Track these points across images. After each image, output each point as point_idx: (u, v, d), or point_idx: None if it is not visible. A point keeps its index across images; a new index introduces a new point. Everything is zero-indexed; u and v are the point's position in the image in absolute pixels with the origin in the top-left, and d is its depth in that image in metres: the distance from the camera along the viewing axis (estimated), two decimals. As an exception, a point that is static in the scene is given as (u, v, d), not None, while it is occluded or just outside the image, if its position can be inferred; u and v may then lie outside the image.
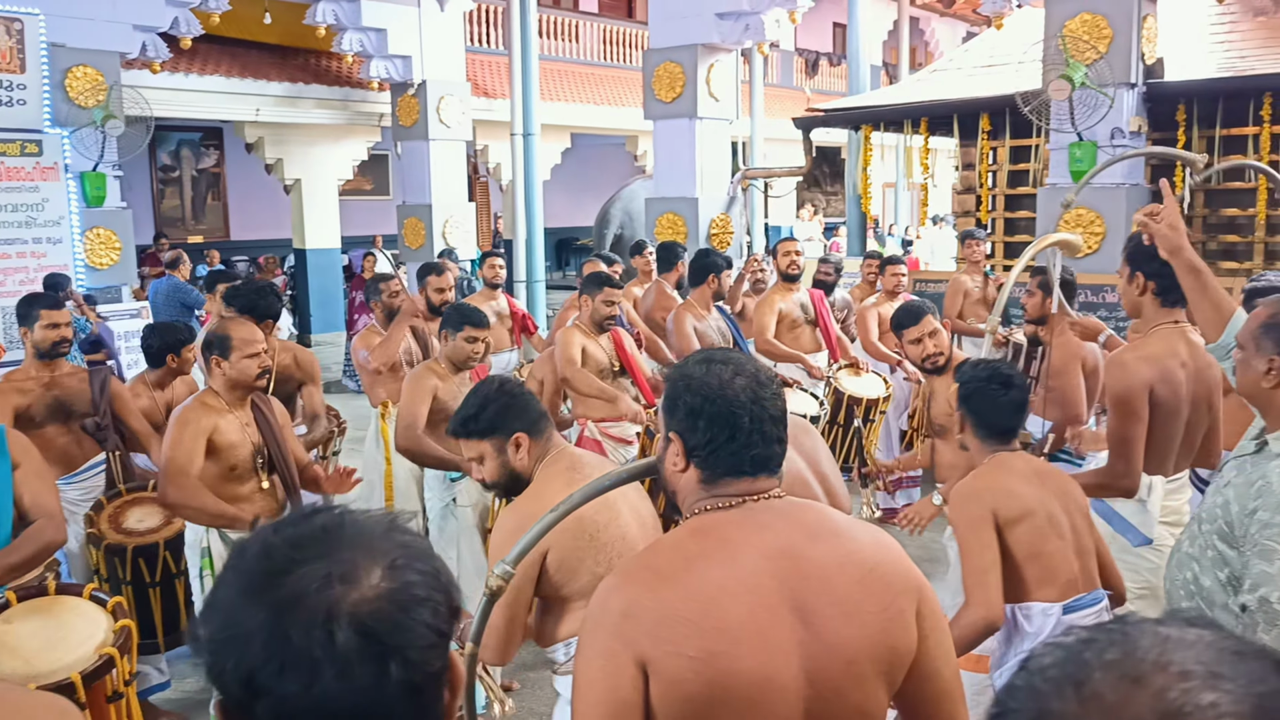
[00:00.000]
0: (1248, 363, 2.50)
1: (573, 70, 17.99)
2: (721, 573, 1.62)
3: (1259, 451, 2.50)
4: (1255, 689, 0.70)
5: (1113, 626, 0.78)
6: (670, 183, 10.39)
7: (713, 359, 1.77)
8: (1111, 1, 7.68)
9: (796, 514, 1.72)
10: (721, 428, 1.70)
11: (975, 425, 2.99)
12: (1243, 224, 8.60)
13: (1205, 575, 2.57)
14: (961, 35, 24.39)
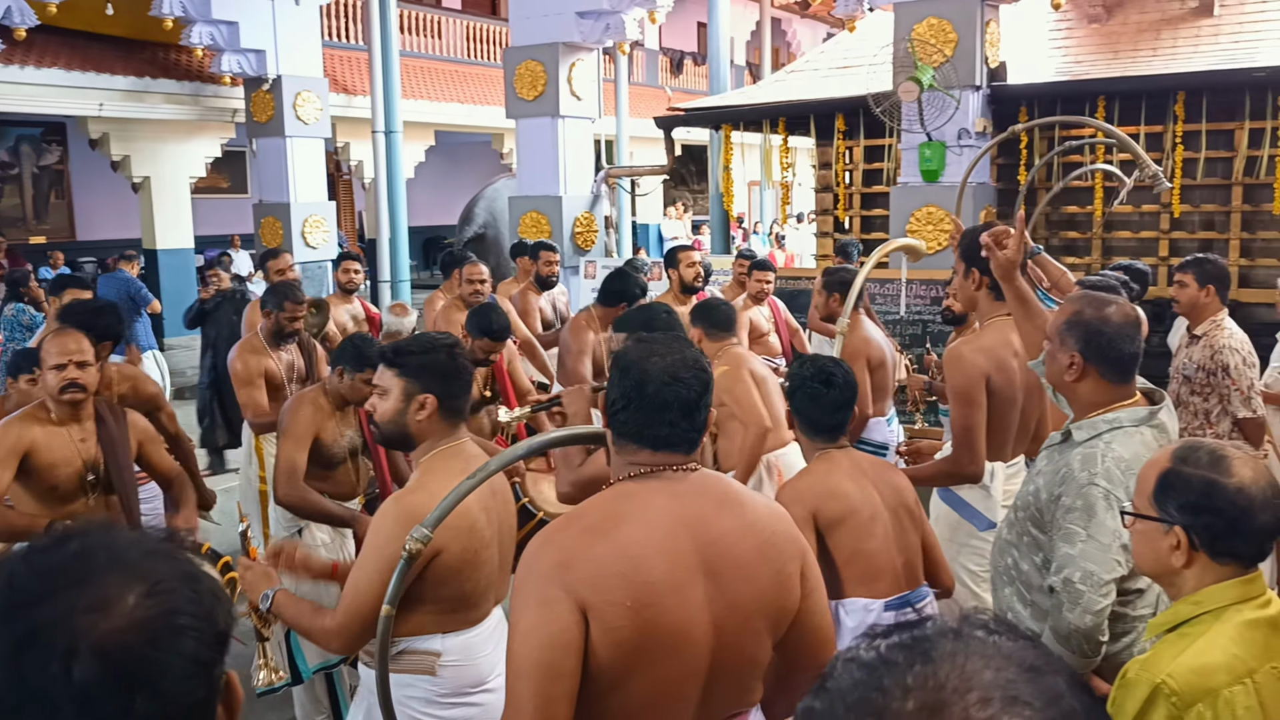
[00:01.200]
0: (1054, 356, 2.62)
1: (436, 67, 17.74)
2: (645, 533, 1.81)
3: (1065, 441, 2.62)
4: (1050, 712, 0.70)
5: (913, 643, 0.76)
6: (534, 181, 10.33)
7: (646, 340, 1.99)
8: (956, 7, 7.95)
9: (706, 485, 1.94)
10: (630, 400, 1.90)
11: (801, 423, 3.01)
12: (1082, 221, 9.02)
13: (1023, 560, 2.68)
14: (822, 36, 24.97)
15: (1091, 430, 2.53)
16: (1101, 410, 2.55)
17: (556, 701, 1.74)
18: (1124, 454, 2.46)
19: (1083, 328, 2.55)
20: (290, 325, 5.16)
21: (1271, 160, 8.18)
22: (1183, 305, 4.88)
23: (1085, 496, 2.44)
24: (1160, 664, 1.79)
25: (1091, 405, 2.57)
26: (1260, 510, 1.80)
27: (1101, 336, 2.53)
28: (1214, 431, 4.67)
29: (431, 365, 2.65)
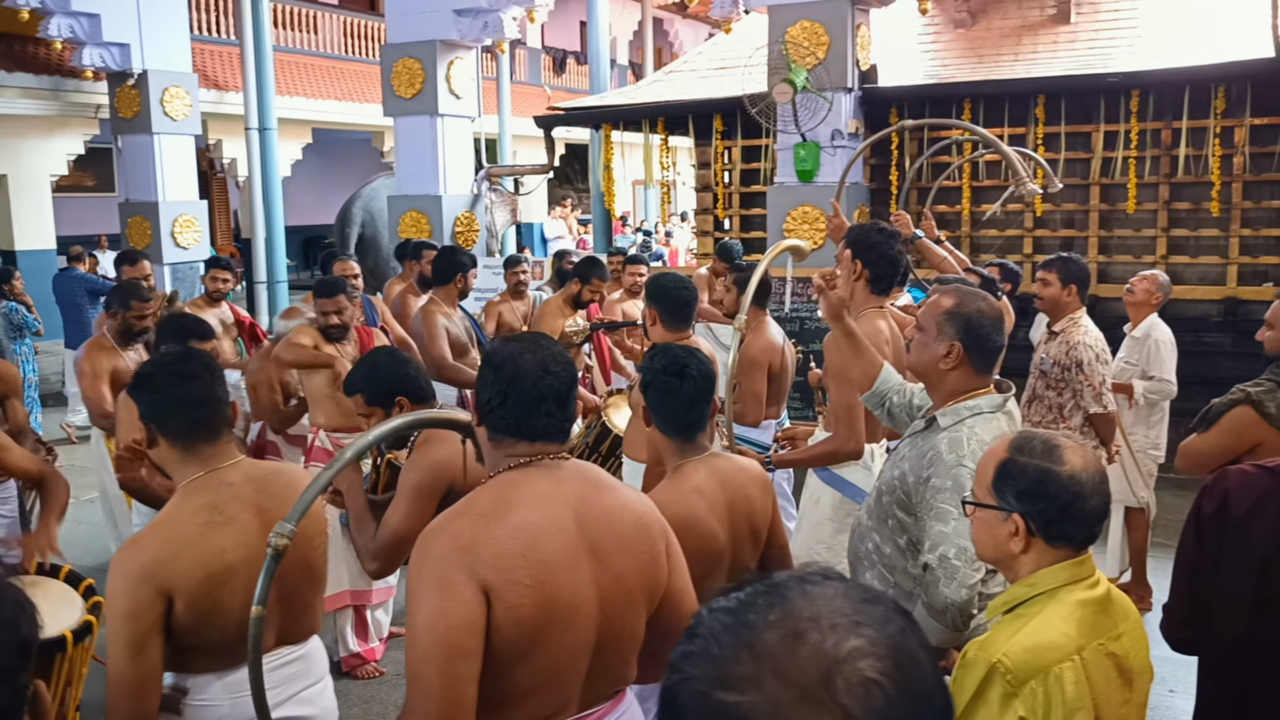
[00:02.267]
0: (927, 345, 2.73)
1: (312, 63, 17.33)
2: (536, 515, 1.92)
3: (928, 427, 2.74)
4: (886, 629, 0.83)
5: (765, 588, 0.87)
6: (413, 180, 10.20)
7: (513, 339, 2.08)
8: (828, 10, 8.12)
9: (582, 472, 2.08)
10: (507, 395, 1.99)
11: (656, 420, 2.75)
12: (951, 219, 9.31)
13: (886, 543, 2.79)
14: (704, 36, 25.19)
15: (955, 416, 2.66)
16: (963, 397, 2.68)
17: (463, 681, 1.80)
18: (986, 437, 2.59)
19: (964, 319, 2.68)
20: (138, 324, 5.11)
21: (1125, 161, 8.57)
22: (1045, 302, 5.07)
23: (955, 477, 2.55)
24: (996, 644, 1.86)
25: (955, 393, 2.70)
26: (1090, 495, 1.90)
27: (980, 329, 2.68)
28: (1067, 425, 4.86)
29: (145, 396, 2.48)
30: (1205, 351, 7.95)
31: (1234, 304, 8.38)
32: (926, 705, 0.82)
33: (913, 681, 0.81)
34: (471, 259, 6.52)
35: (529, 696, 1.93)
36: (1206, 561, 2.20)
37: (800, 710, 0.78)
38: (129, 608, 2.25)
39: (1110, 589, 1.97)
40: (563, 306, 6.57)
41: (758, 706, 0.79)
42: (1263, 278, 8.43)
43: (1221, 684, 2.28)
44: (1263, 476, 2.16)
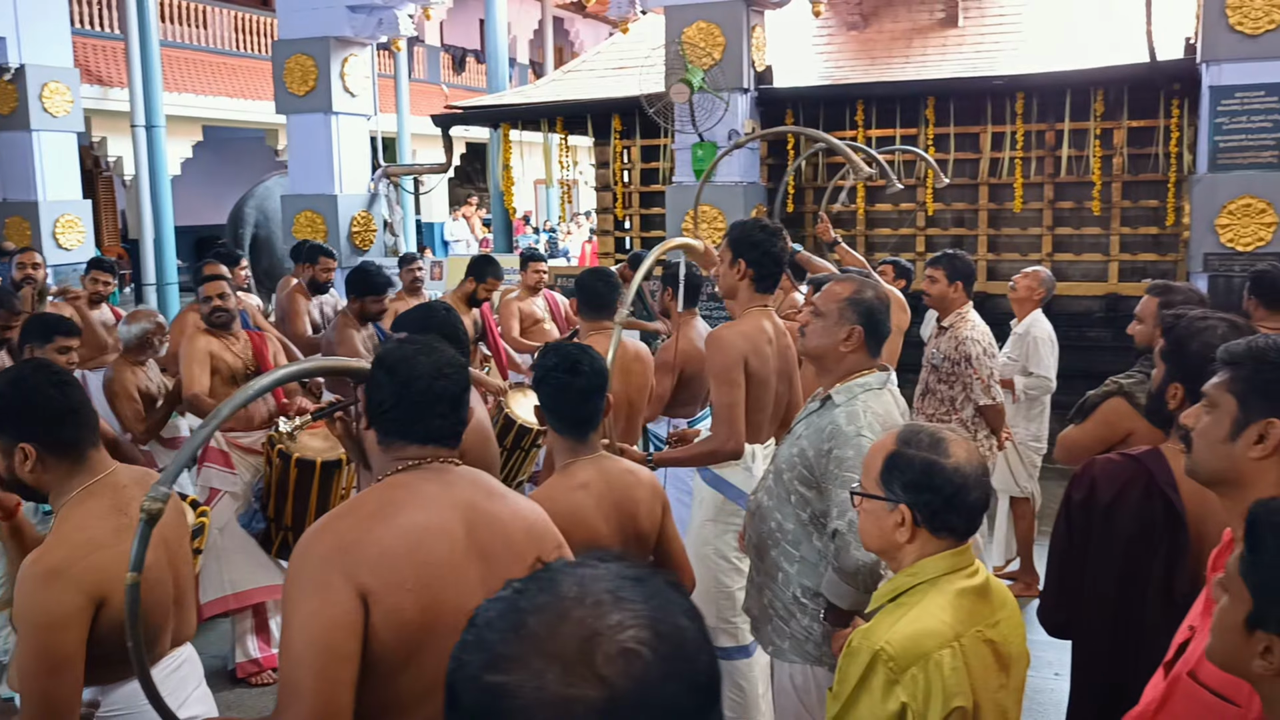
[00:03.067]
0: (828, 329, 2.93)
1: (202, 59, 16.86)
2: (423, 517, 1.90)
3: (823, 405, 2.91)
4: (650, 603, 0.88)
5: (541, 574, 0.92)
6: (307, 179, 9.99)
7: (406, 341, 2.05)
8: (724, 11, 8.19)
9: (473, 477, 2.05)
10: (401, 397, 1.97)
11: (550, 417, 2.75)
12: (846, 218, 9.47)
13: (788, 520, 2.91)
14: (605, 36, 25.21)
15: (849, 393, 2.87)
16: (855, 376, 2.90)
17: (338, 685, 1.75)
18: (879, 410, 2.85)
19: (865, 306, 2.91)
20: (2, 334, 4.90)
21: (1012, 162, 8.83)
22: (933, 299, 5.20)
23: (856, 446, 2.72)
24: (879, 632, 1.92)
25: (850, 373, 2.91)
26: (973, 487, 1.97)
27: (877, 314, 2.92)
28: (959, 417, 5.00)
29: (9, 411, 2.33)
30: (1088, 346, 8.24)
31: (1115, 300, 8.69)
32: (689, 670, 0.86)
33: (674, 648, 0.86)
34: (388, 280, 6.13)
35: (414, 706, 1.87)
36: (1077, 549, 2.28)
37: (562, 682, 0.83)
38: (56, 619, 2.10)
39: (989, 578, 2.04)
40: (458, 304, 6.52)
41: (523, 683, 0.84)
42: (1141, 274, 8.76)
43: (1094, 666, 2.36)
44: (1126, 464, 2.24)
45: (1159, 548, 2.15)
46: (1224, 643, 1.48)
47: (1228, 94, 7.21)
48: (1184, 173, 8.29)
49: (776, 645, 2.98)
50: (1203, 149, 7.41)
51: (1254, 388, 1.78)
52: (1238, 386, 1.80)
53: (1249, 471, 1.78)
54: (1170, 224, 8.55)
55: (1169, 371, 2.34)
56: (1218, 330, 2.37)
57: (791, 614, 2.91)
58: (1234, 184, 7.22)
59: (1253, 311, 4.81)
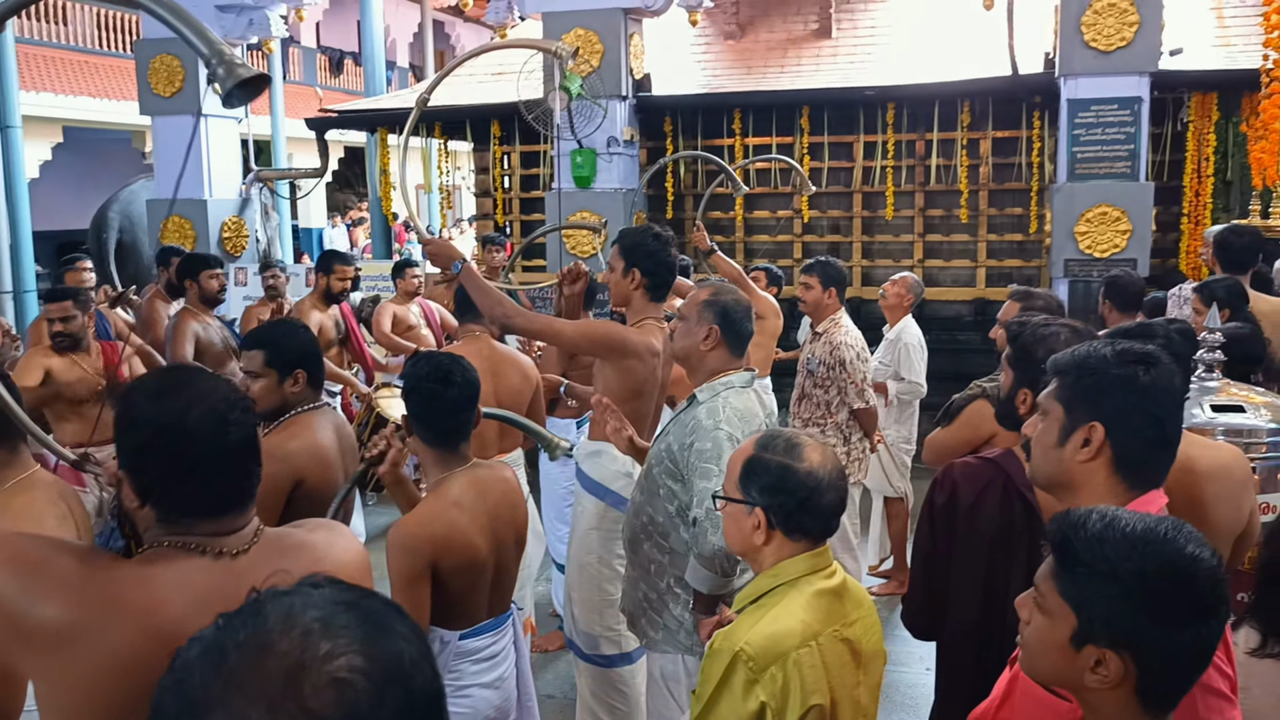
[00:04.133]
0: (690, 331, 3.07)
1: (61, 56, 16.13)
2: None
3: (689, 404, 3.04)
4: (364, 628, 0.85)
5: (245, 609, 0.87)
6: (175, 184, 9.63)
7: (166, 389, 1.65)
8: (601, 19, 8.21)
9: (278, 540, 1.77)
10: (175, 466, 1.60)
11: (419, 428, 2.71)
12: (725, 225, 9.59)
13: (658, 513, 3.01)
14: (488, 39, 25.02)
15: (712, 391, 3.00)
16: (719, 375, 3.03)
17: None
18: (739, 406, 2.97)
19: (720, 306, 3.06)
20: None
21: (884, 170, 9.07)
22: (808, 305, 5.30)
23: (714, 439, 2.86)
24: (739, 633, 1.96)
25: (713, 372, 3.05)
26: (827, 490, 2.02)
27: (733, 314, 3.06)
28: (834, 420, 5.10)
29: None
30: (959, 349, 8.51)
31: (983, 304, 9.00)
32: (404, 693, 0.83)
33: (389, 673, 0.83)
34: (218, 260, 6.29)
35: None
36: (941, 551, 2.35)
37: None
38: None
39: (846, 579, 2.09)
40: (316, 304, 6.45)
41: None
42: (1007, 279, 9.08)
43: (960, 665, 2.43)
44: (985, 466, 2.31)
45: (1019, 548, 2.22)
46: (1049, 662, 1.47)
47: (1084, 107, 7.54)
48: (1045, 182, 8.63)
49: (650, 637, 3.08)
50: (1062, 159, 7.72)
51: (1077, 394, 1.86)
52: (1064, 394, 1.88)
53: (1078, 475, 1.85)
54: (1034, 231, 8.89)
55: (1017, 378, 2.43)
56: (1060, 336, 2.47)
57: (665, 604, 3.02)
58: (1091, 193, 7.55)
59: (1106, 314, 5.04)
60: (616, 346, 3.71)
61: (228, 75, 2.08)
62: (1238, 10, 8.76)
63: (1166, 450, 1.85)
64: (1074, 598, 1.42)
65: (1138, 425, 1.81)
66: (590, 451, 3.92)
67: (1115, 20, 7.34)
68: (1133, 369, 1.83)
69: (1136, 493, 1.83)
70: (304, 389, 2.95)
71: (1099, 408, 1.83)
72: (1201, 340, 3.33)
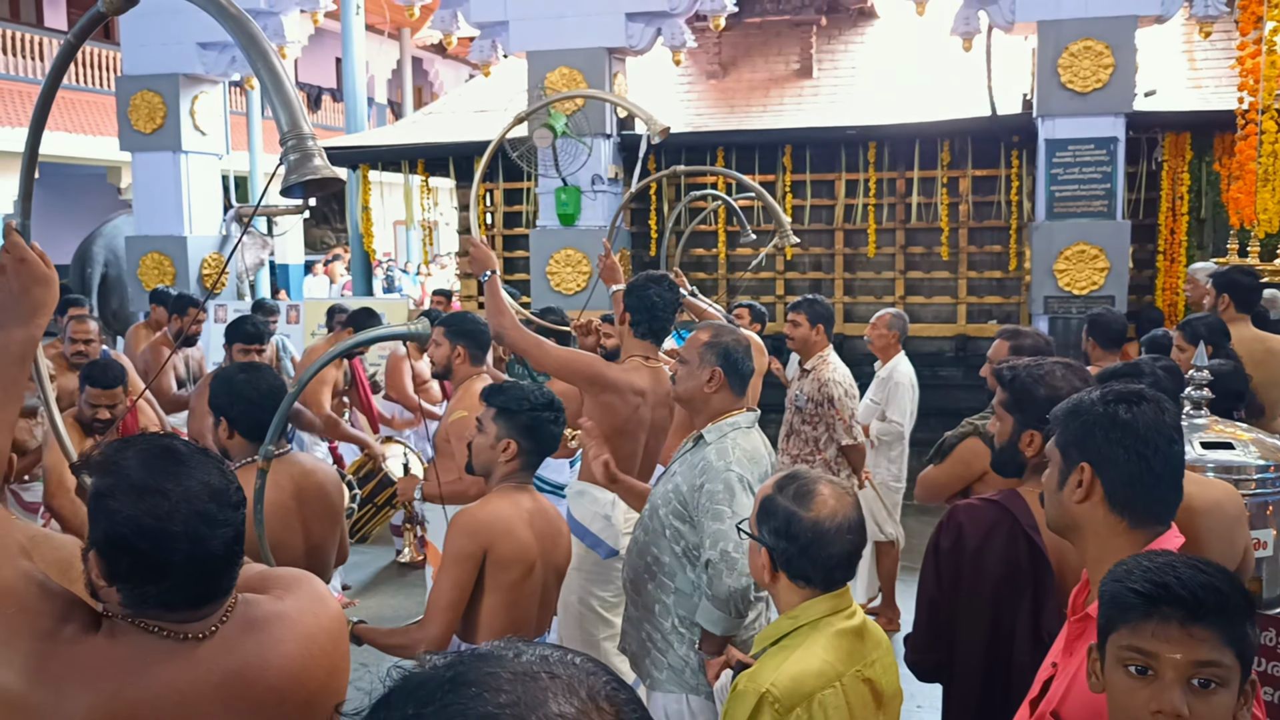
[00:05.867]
0: (692, 374, 3.07)
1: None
2: None
3: (696, 444, 3.03)
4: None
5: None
6: (154, 220, 9.60)
7: (150, 486, 1.52)
8: (586, 58, 8.28)
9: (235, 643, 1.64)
10: (151, 569, 1.51)
11: (525, 445, 2.93)
12: (708, 262, 9.64)
13: (664, 554, 3.00)
14: (465, 77, 25.14)
15: (719, 432, 3.00)
16: (724, 416, 3.03)
17: None
18: (747, 447, 2.99)
19: (722, 348, 3.06)
20: None
21: (865, 208, 9.15)
22: (796, 342, 5.32)
23: (725, 481, 2.86)
24: (764, 674, 1.97)
25: (718, 413, 3.04)
26: (832, 543, 2.05)
27: (735, 355, 3.07)
28: (823, 457, 5.10)
29: None
30: (941, 385, 8.55)
31: (964, 340, 9.07)
32: None
33: None
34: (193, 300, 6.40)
35: None
36: (946, 595, 2.34)
37: None
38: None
39: (865, 620, 2.10)
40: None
41: None
42: (987, 315, 9.17)
43: (966, 708, 2.41)
44: (989, 508, 2.32)
45: (1025, 589, 2.22)
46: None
47: (1061, 147, 7.65)
48: (1024, 220, 8.73)
49: (654, 677, 3.06)
50: (1040, 198, 7.82)
51: (1068, 438, 1.92)
52: (1060, 439, 1.94)
53: (1078, 516, 1.90)
54: (1013, 268, 8.98)
55: (1020, 420, 2.42)
56: (1056, 373, 2.48)
57: (669, 644, 3.00)
58: (1069, 231, 7.64)
59: (1090, 351, 5.08)
60: (595, 379, 3.74)
61: (298, 165, 1.82)
62: (1208, 53, 8.93)
63: (1159, 485, 1.87)
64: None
65: (1122, 462, 1.85)
66: (576, 491, 3.92)
67: (1091, 63, 7.47)
68: (1114, 407, 1.87)
69: (1142, 531, 1.85)
70: (240, 441, 2.97)
71: (1085, 449, 1.88)
72: (1189, 378, 3.36)
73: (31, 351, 1.76)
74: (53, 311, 1.80)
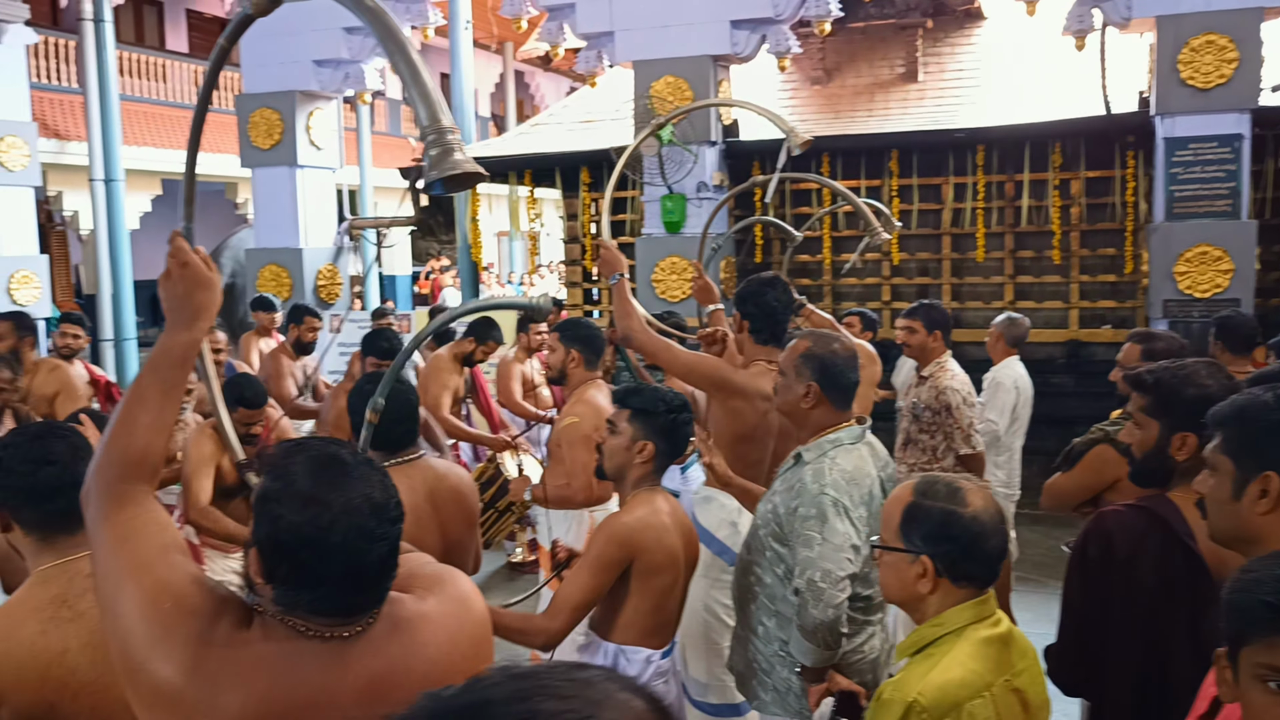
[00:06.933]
0: (789, 387, 2.95)
1: (160, 112, 16.77)
2: None
3: (796, 463, 2.92)
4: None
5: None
6: (272, 233, 9.92)
7: (314, 496, 1.53)
8: (691, 66, 8.31)
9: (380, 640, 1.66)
10: (308, 575, 1.54)
11: (662, 448, 2.96)
12: (813, 269, 9.58)
13: (766, 574, 2.92)
14: (565, 90, 25.43)
15: (819, 450, 2.86)
16: (825, 432, 2.89)
17: None
18: (847, 467, 2.81)
19: (818, 360, 2.91)
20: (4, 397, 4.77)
21: (974, 212, 8.99)
22: (912, 349, 5.24)
23: (818, 505, 2.73)
24: (911, 683, 1.92)
25: (819, 428, 2.91)
26: (991, 535, 1.98)
27: (834, 368, 2.91)
28: (940, 466, 5.02)
29: None
30: (1052, 392, 8.33)
31: (1076, 346, 8.85)
32: None
33: None
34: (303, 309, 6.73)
35: None
36: (1095, 605, 2.27)
37: None
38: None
39: (1011, 627, 2.04)
40: (452, 363, 6.47)
41: None
42: (1100, 320, 8.93)
43: (1120, 719, 2.34)
44: (1139, 515, 2.25)
45: (1183, 600, 2.14)
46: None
47: (1181, 145, 7.41)
48: (1140, 221, 8.48)
49: (760, 699, 3.00)
50: (1159, 198, 7.59)
51: (1243, 446, 1.82)
52: (1230, 447, 1.84)
53: (1261, 527, 1.80)
54: (1129, 271, 8.73)
55: (1169, 424, 2.33)
56: (1202, 373, 2.40)
57: (773, 667, 2.93)
58: (1190, 233, 7.39)
59: (1218, 355, 4.91)
60: (723, 384, 3.73)
61: (439, 160, 1.78)
62: (1339, 45, 8.56)
63: None
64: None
65: None
66: (703, 497, 3.92)
67: (1213, 58, 7.22)
68: None
69: None
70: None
71: (1266, 456, 1.79)
72: (1337, 383, 3.22)
73: (193, 355, 1.80)
74: (215, 315, 1.83)
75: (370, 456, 1.68)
